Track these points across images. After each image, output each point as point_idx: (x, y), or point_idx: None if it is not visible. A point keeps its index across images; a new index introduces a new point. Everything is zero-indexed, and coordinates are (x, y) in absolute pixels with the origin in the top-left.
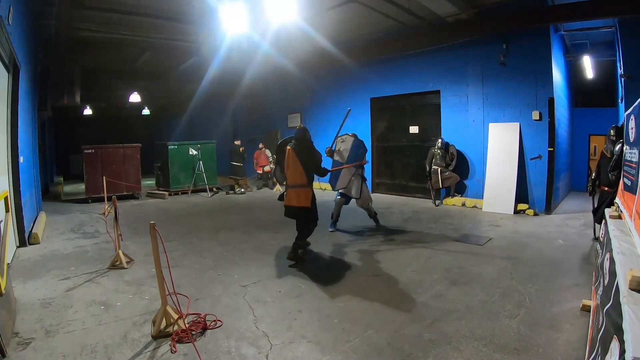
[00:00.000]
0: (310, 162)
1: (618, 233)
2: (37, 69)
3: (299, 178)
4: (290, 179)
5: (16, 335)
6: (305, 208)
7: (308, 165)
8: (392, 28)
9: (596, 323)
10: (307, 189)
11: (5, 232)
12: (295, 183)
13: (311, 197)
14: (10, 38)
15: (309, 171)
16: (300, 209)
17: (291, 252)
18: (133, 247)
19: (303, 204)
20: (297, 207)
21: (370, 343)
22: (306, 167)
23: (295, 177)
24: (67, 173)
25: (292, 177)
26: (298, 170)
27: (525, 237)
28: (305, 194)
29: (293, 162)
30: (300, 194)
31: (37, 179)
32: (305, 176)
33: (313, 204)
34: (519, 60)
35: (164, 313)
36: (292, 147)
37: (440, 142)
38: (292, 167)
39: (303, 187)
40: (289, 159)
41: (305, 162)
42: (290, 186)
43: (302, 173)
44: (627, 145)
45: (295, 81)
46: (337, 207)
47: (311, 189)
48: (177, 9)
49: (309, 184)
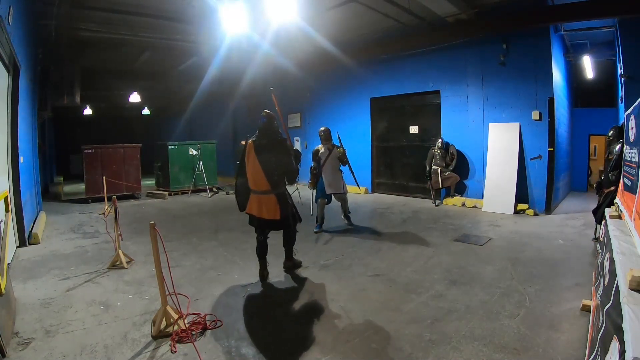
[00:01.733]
0: (276, 161)
1: (618, 233)
2: (37, 69)
3: (260, 182)
4: (251, 183)
5: (16, 335)
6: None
7: (270, 165)
8: (392, 28)
9: (596, 323)
10: (270, 195)
11: (5, 232)
12: (257, 188)
13: (279, 206)
14: (10, 38)
15: (274, 173)
16: (270, 221)
17: (286, 260)
18: (133, 247)
19: (267, 215)
20: (266, 221)
21: (370, 343)
22: (267, 168)
23: (256, 181)
24: (67, 173)
25: (252, 180)
26: (258, 172)
27: (525, 237)
28: (269, 202)
29: (252, 162)
30: (263, 202)
31: (37, 179)
32: (267, 179)
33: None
34: (519, 60)
35: (164, 313)
36: (252, 141)
37: (440, 142)
38: (251, 166)
39: (265, 193)
40: (249, 156)
41: (267, 161)
42: (252, 191)
43: (262, 175)
44: (627, 145)
45: (295, 81)
46: (321, 209)
47: (277, 195)
48: (177, 9)
49: (274, 188)
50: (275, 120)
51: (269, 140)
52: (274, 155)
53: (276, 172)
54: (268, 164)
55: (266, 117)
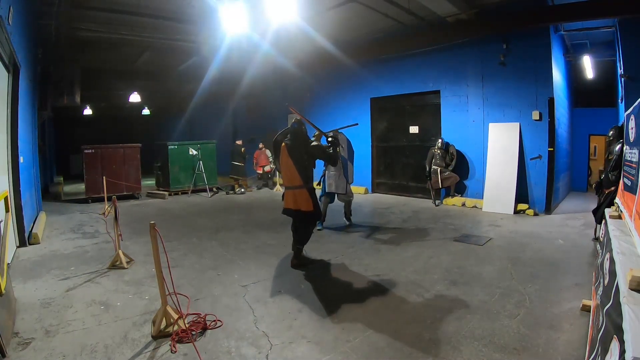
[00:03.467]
0: (307, 159)
1: (618, 233)
2: (37, 69)
3: (293, 178)
4: (285, 180)
5: (16, 335)
6: (306, 212)
7: (302, 164)
8: (392, 28)
9: (596, 323)
10: (303, 189)
11: (5, 232)
12: (291, 184)
13: (312, 199)
14: (10, 38)
15: (305, 170)
16: (300, 212)
17: (294, 258)
18: (133, 247)
19: (303, 207)
20: (293, 211)
21: (370, 343)
22: (300, 166)
23: (290, 178)
24: (67, 173)
25: (287, 178)
26: (291, 170)
27: (525, 237)
28: (302, 195)
29: (286, 161)
30: (298, 196)
31: (37, 179)
32: (300, 176)
33: (315, 205)
34: (519, 60)
35: (164, 313)
36: (285, 143)
37: (440, 142)
38: (285, 166)
39: (299, 188)
40: (283, 158)
41: (299, 160)
42: (287, 187)
43: (296, 173)
44: (627, 145)
45: (295, 81)
46: (323, 206)
47: (309, 189)
48: (177, 9)
49: (306, 183)
50: (304, 125)
51: (299, 142)
52: (304, 154)
53: (307, 169)
54: (300, 162)
55: (297, 123)
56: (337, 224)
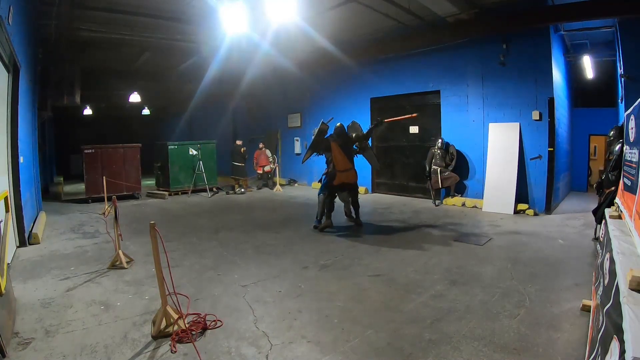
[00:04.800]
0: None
1: (618, 233)
2: (37, 69)
3: (346, 164)
4: (340, 166)
5: (16, 335)
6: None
7: (349, 153)
8: (392, 28)
9: (596, 323)
10: (354, 170)
11: (5, 232)
12: (345, 168)
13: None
14: (10, 38)
15: (351, 157)
16: (352, 184)
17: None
18: (133, 247)
19: (353, 180)
20: (349, 183)
21: (370, 343)
22: (348, 155)
23: (344, 164)
24: (67, 173)
25: (342, 164)
26: (344, 159)
27: (525, 237)
28: (354, 173)
29: (340, 154)
30: (349, 174)
31: (37, 179)
32: (350, 162)
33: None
34: (519, 60)
35: (164, 313)
36: (335, 142)
37: (440, 142)
38: (339, 157)
39: (351, 170)
40: (336, 152)
41: (349, 152)
42: (341, 171)
43: (347, 160)
44: (627, 145)
45: (295, 81)
46: (321, 204)
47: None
48: (177, 9)
49: (354, 166)
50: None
51: (343, 140)
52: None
53: (351, 157)
54: (348, 153)
55: (340, 126)
56: (337, 223)
